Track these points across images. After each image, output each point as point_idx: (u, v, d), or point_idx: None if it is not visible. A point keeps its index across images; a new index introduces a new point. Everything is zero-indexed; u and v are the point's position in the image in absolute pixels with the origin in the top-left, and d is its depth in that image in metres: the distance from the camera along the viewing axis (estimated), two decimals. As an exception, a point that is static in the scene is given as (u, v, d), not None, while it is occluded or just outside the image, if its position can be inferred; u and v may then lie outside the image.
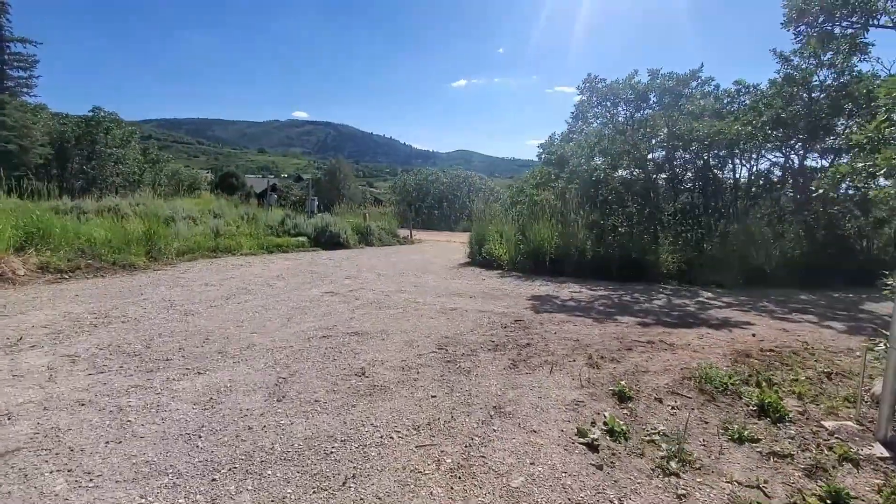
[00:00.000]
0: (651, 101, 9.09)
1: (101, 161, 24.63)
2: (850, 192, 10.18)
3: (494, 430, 2.83)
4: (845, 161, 9.77)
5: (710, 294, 7.46)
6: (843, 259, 8.47)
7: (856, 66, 8.66)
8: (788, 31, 6.45)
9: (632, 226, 9.10)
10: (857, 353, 4.54)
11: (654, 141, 9.83)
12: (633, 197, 9.37)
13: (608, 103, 9.43)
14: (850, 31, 6.00)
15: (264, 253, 11.30)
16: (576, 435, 2.84)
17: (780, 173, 10.33)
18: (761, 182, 10.38)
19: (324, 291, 6.72)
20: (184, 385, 3.30)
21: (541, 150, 15.01)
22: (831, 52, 6.38)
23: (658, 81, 8.93)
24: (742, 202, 9.36)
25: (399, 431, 2.77)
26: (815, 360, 4.27)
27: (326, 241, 13.74)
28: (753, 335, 5.06)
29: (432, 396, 3.26)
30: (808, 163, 9.90)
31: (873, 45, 6.06)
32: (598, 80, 9.44)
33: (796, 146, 9.35)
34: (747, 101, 10.03)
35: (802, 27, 6.14)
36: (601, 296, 7.17)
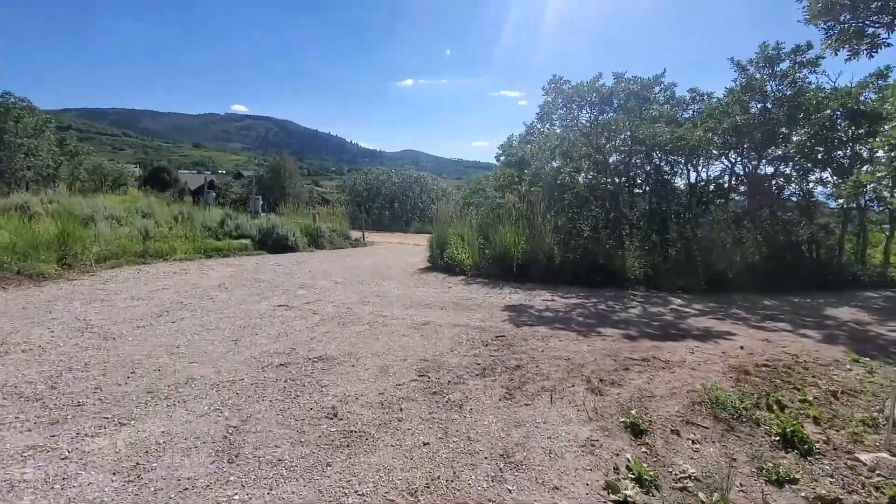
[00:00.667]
0: (615, 105, 8.96)
1: (9, 153, 21.78)
2: (794, 198, 10.60)
3: (510, 491, 2.31)
4: (791, 168, 10.10)
5: (680, 301, 7.35)
6: (796, 264, 8.70)
7: (806, 77, 8.95)
8: (817, 25, 6.40)
9: (597, 230, 8.92)
10: (847, 367, 4.43)
11: (609, 145, 9.70)
12: (597, 201, 9.20)
13: (573, 105, 9.21)
14: (870, 29, 6.07)
15: (202, 257, 10.19)
16: (605, 490, 2.38)
17: (727, 178, 10.54)
18: (712, 188, 10.57)
19: (276, 304, 5.94)
20: (100, 444, 2.53)
21: (500, 152, 14.75)
22: (848, 50, 6.49)
23: (623, 85, 8.81)
24: (698, 207, 9.44)
25: (393, 500, 2.18)
26: (813, 377, 4.09)
27: (273, 243, 12.74)
28: (742, 348, 4.86)
29: (424, 444, 2.70)
30: (760, 170, 10.17)
31: (889, 45, 6.16)
32: (563, 81, 9.20)
33: (749, 153, 9.55)
34: (702, 108, 10.18)
35: (831, 22, 6.11)
36: (575, 304, 6.85)
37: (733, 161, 10.21)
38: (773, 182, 9.37)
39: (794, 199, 10.45)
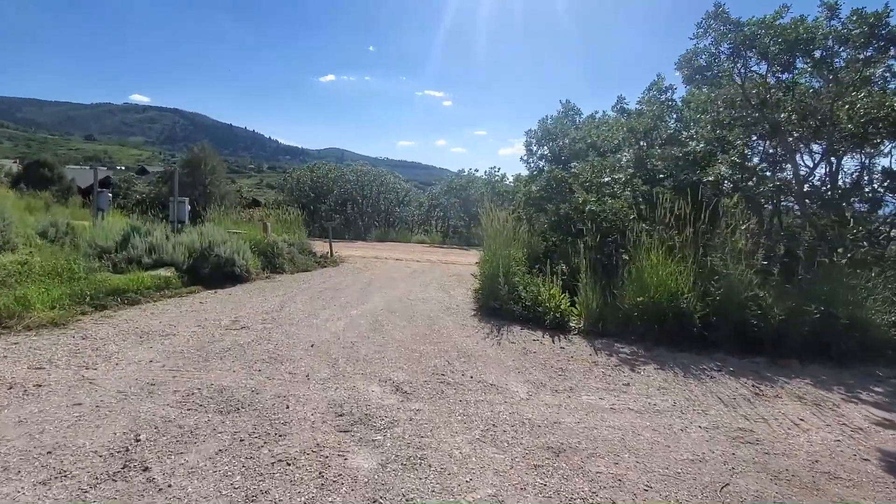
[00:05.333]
0: (817, 55, 5.52)
1: None
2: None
3: None
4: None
5: None
6: None
7: None
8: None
9: (819, 259, 5.32)
10: None
11: (804, 126, 6.13)
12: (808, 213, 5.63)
13: (751, 52, 5.60)
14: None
15: (89, 312, 5.51)
16: None
17: None
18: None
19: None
20: None
21: (529, 139, 11.06)
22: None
23: (833, 24, 5.39)
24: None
25: None
26: None
27: (212, 272, 8.08)
28: None
29: None
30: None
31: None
32: (727, 15, 5.60)
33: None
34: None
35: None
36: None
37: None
38: None
39: None
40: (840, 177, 5.80)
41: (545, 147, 10.69)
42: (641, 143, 7.10)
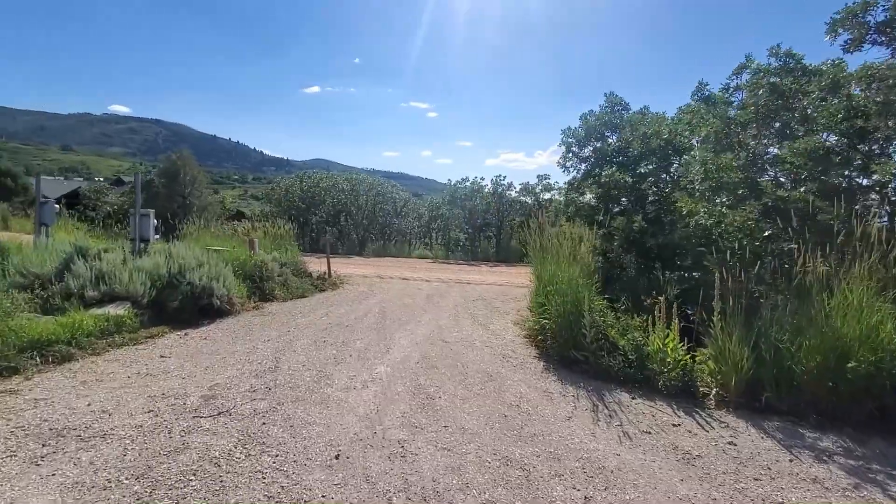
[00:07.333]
0: None
1: None
2: None
3: None
4: None
5: None
6: None
7: None
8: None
9: None
10: None
11: None
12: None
13: None
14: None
15: (-21, 388, 3.56)
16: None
17: None
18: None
19: None
20: None
21: (570, 136, 9.32)
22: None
23: None
24: None
25: None
26: None
27: (182, 306, 6.18)
28: None
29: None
30: None
31: None
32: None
33: None
34: None
35: None
36: None
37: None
38: None
39: None
40: None
41: (588, 147, 8.98)
42: (752, 137, 5.41)
